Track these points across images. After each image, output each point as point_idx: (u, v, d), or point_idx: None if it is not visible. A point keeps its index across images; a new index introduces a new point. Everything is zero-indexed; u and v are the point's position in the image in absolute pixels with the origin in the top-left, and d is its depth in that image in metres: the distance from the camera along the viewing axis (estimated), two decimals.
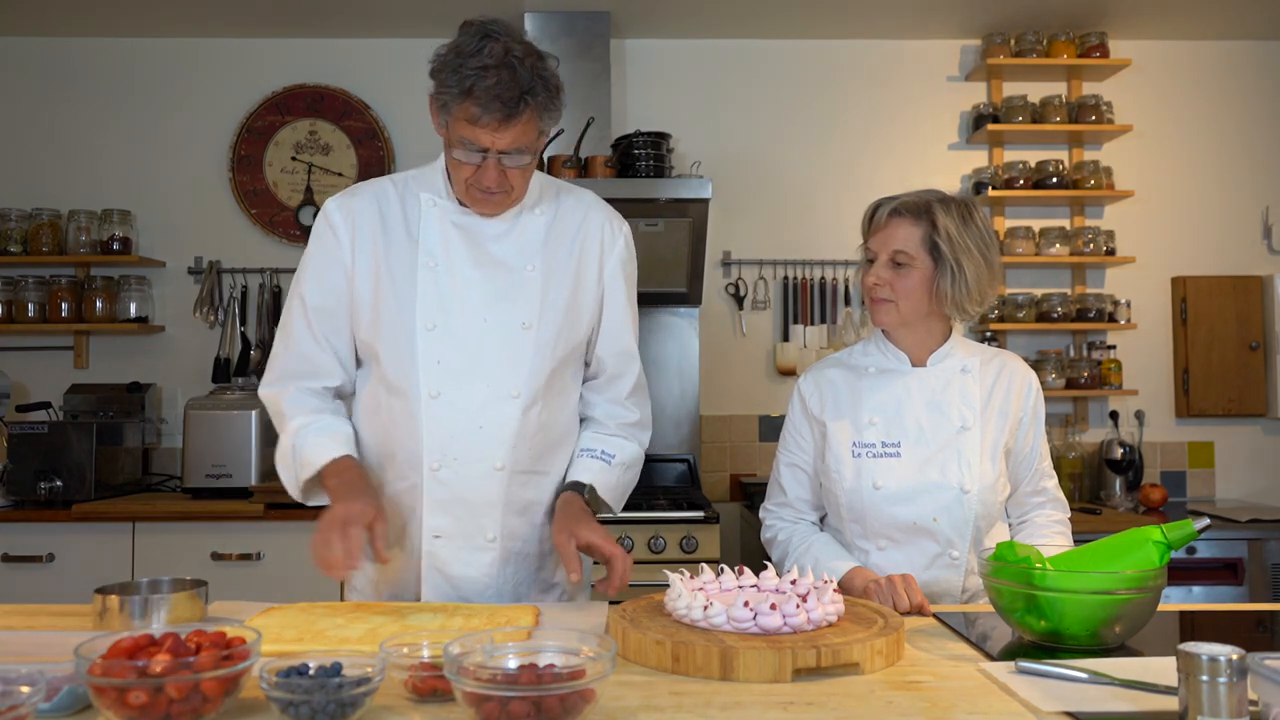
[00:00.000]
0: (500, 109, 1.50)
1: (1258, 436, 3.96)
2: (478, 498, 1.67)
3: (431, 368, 1.64)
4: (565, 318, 1.71)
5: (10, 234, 3.71)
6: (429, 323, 1.65)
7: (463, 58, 1.52)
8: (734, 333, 3.92)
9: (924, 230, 1.72)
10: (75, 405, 3.66)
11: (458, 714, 1.03)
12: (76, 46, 3.93)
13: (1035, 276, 3.96)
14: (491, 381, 1.65)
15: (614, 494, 1.78)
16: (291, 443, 1.68)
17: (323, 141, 3.93)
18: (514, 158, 1.57)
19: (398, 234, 1.69)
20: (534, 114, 1.54)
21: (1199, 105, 4.00)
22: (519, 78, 1.50)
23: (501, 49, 1.51)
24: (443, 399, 1.64)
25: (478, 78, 1.49)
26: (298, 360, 1.71)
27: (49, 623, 1.46)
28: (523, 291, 1.68)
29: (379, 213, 1.70)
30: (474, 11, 1.67)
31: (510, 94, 1.50)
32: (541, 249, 1.71)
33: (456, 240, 1.68)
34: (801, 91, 3.98)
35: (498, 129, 1.52)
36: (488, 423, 1.65)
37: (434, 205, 1.70)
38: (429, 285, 1.66)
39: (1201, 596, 3.19)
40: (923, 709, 1.07)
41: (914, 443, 1.76)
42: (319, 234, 1.71)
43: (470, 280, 1.67)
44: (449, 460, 1.65)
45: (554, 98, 1.56)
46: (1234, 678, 0.89)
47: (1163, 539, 1.38)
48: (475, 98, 1.50)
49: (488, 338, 1.66)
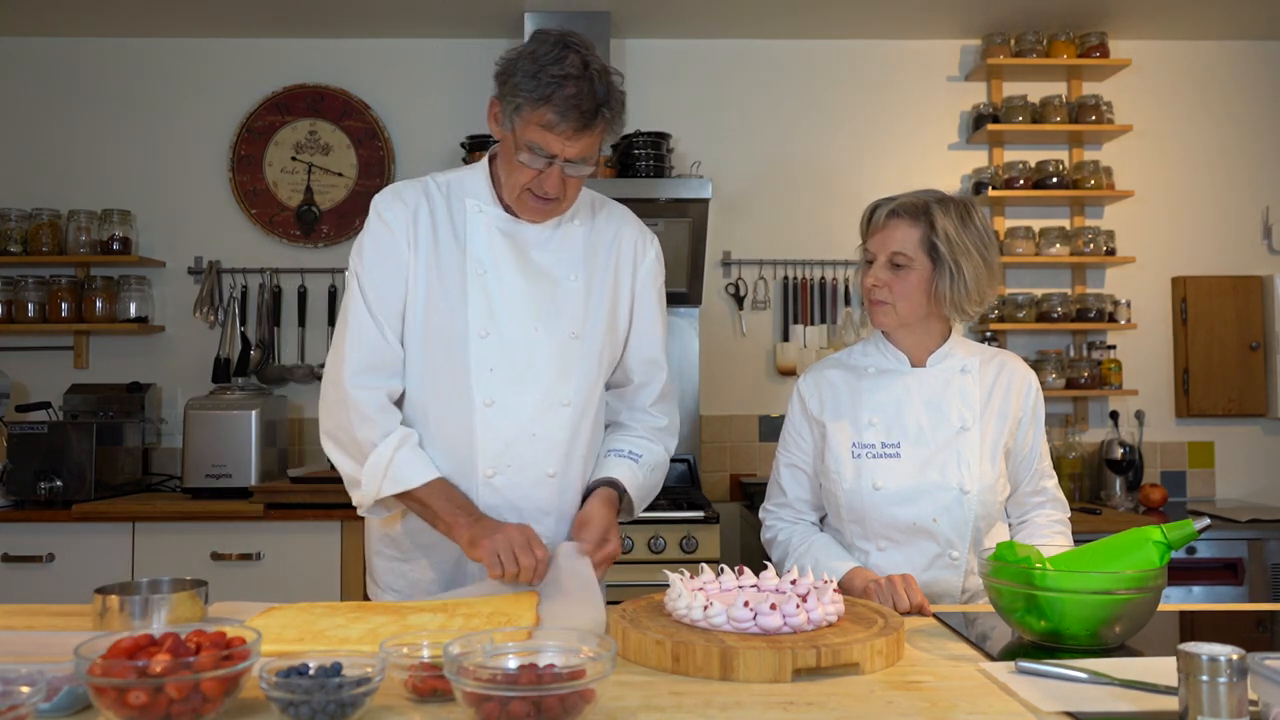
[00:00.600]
0: (577, 119, 1.53)
1: (1258, 436, 3.96)
2: (529, 504, 1.69)
3: (484, 375, 1.66)
4: (607, 329, 1.74)
5: (10, 234, 3.71)
6: (481, 330, 1.66)
7: (541, 65, 1.53)
8: (734, 333, 3.92)
9: (922, 231, 1.72)
10: (75, 405, 3.66)
11: (458, 714, 1.03)
12: (77, 46, 3.93)
13: (1035, 276, 3.96)
14: (544, 389, 1.68)
15: (639, 494, 1.78)
16: (391, 455, 1.63)
17: (323, 141, 3.93)
18: (577, 167, 1.60)
19: (446, 238, 1.70)
20: (605, 127, 1.58)
21: (1199, 105, 4.00)
22: (596, 90, 1.54)
23: (581, 61, 1.54)
24: (496, 406, 1.66)
25: (557, 86, 1.52)
26: (379, 354, 1.68)
27: (49, 623, 1.46)
28: (568, 301, 1.71)
29: (430, 213, 1.71)
30: (474, 12, 1.69)
31: (588, 105, 1.53)
32: (582, 260, 1.74)
33: (503, 248, 1.70)
34: (801, 91, 3.98)
35: (570, 138, 1.55)
36: (541, 430, 1.67)
37: (480, 211, 1.71)
38: (479, 292, 1.67)
39: (1201, 596, 3.19)
40: (923, 709, 1.07)
41: (914, 443, 1.76)
42: (375, 232, 1.69)
43: (518, 288, 1.69)
44: (502, 467, 1.67)
45: (620, 114, 1.60)
46: (1234, 678, 0.89)
47: (1163, 539, 1.38)
48: (553, 105, 1.52)
49: (539, 346, 1.68)
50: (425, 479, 1.63)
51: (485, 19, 3.74)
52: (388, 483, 1.63)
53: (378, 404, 1.67)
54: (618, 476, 1.73)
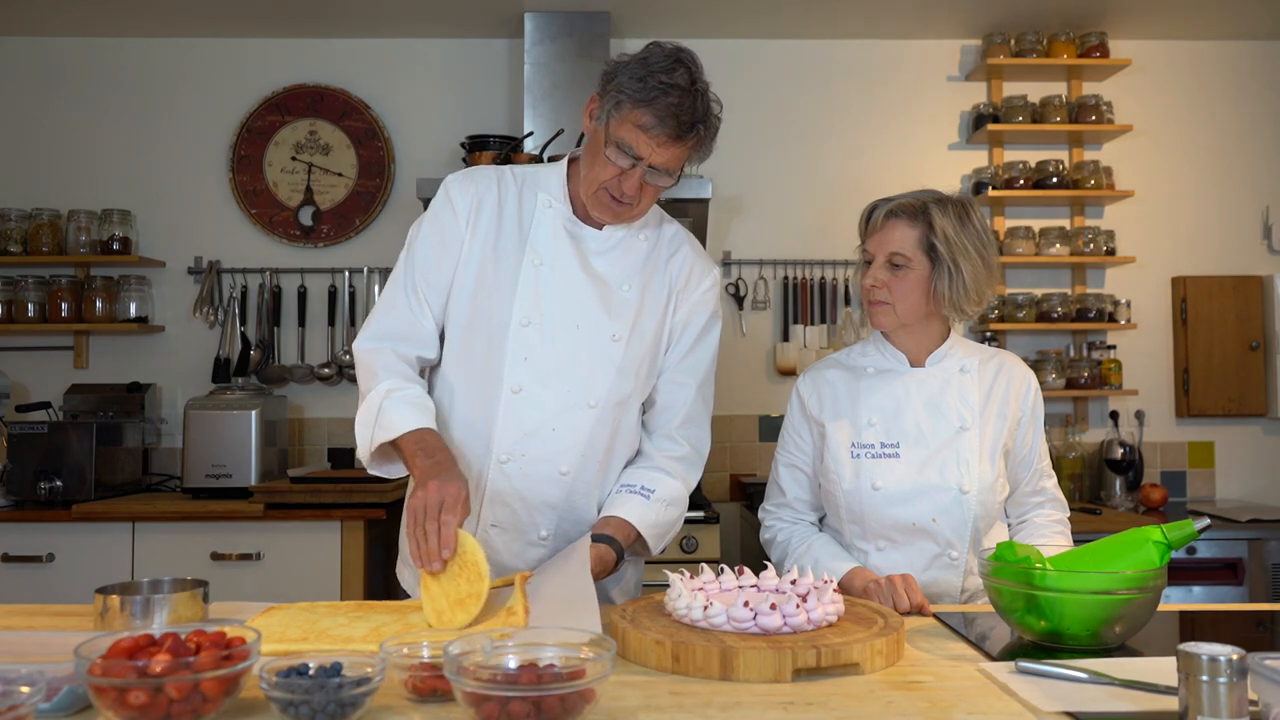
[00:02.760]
0: (674, 127, 1.55)
1: (1258, 436, 3.96)
2: (537, 497, 1.69)
3: (519, 364, 1.66)
4: (652, 342, 1.74)
5: (10, 234, 3.71)
6: (524, 319, 1.67)
7: (650, 70, 1.55)
8: (734, 333, 3.92)
9: (921, 231, 1.72)
10: (75, 405, 3.66)
11: (458, 714, 1.03)
12: (76, 46, 3.93)
13: (1035, 276, 3.96)
14: (573, 387, 1.67)
15: (653, 531, 1.71)
16: (380, 403, 1.62)
17: (323, 141, 3.93)
18: (659, 176, 1.61)
19: (510, 227, 1.71)
20: (696, 145, 1.60)
21: (1199, 105, 4.00)
22: (697, 107, 1.56)
23: (689, 77, 1.56)
24: (523, 395, 1.66)
25: (662, 92, 1.53)
26: (398, 323, 1.71)
27: (49, 623, 1.46)
28: (619, 308, 1.71)
29: (498, 201, 1.73)
30: (474, 12, 1.69)
31: (686, 118, 1.55)
32: (640, 273, 1.74)
33: (565, 245, 1.71)
34: (802, 91, 3.98)
35: (662, 144, 1.56)
36: (561, 426, 1.67)
37: (550, 207, 1.73)
38: (530, 283, 1.68)
39: (1201, 596, 3.19)
40: (923, 709, 1.07)
41: (913, 443, 1.76)
42: (438, 209, 1.73)
43: (571, 286, 1.69)
44: (517, 456, 1.67)
45: (711, 139, 1.62)
46: (1234, 678, 0.89)
47: (1163, 539, 1.38)
48: (654, 108, 1.54)
49: (578, 344, 1.68)
50: (410, 426, 1.59)
51: (485, 19, 3.74)
52: (378, 430, 1.61)
53: (383, 362, 1.68)
54: (626, 515, 1.67)
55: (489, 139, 3.53)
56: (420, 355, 1.72)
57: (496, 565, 1.69)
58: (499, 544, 1.71)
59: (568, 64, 3.68)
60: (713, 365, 1.83)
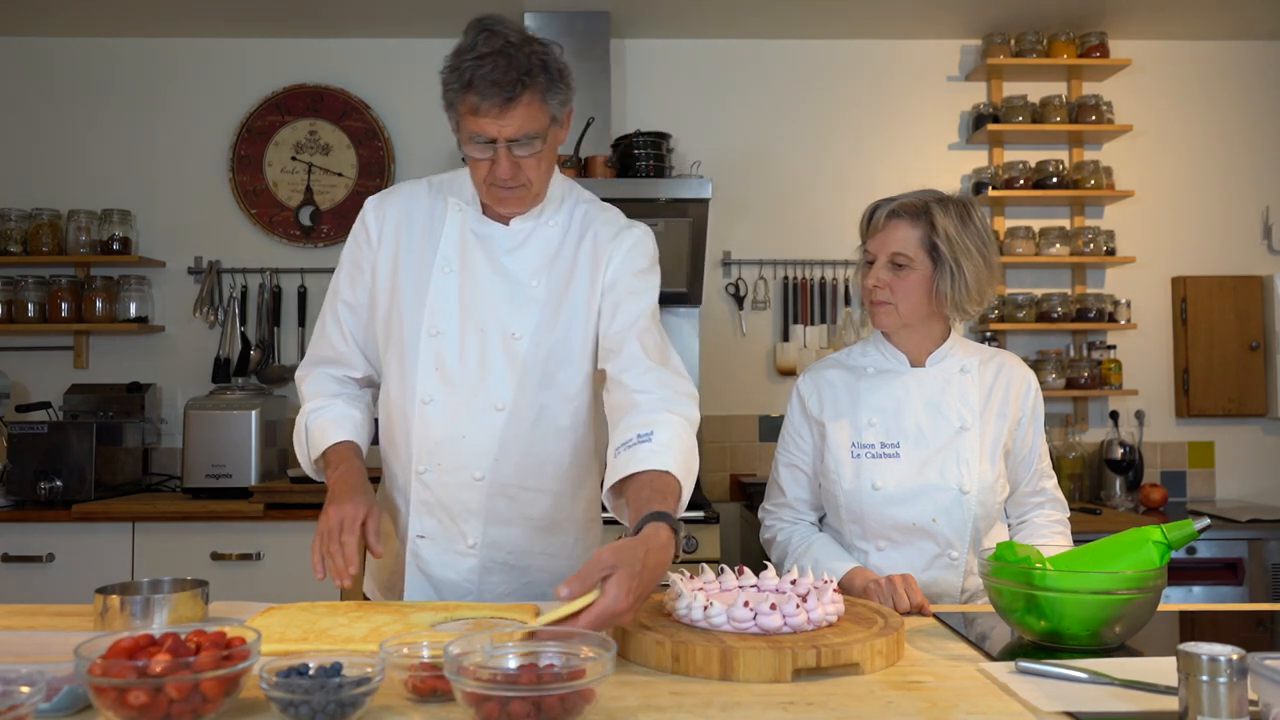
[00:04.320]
0: (498, 93, 1.50)
1: (1258, 436, 3.96)
2: (458, 505, 1.68)
3: (429, 374, 1.66)
4: (560, 334, 1.67)
5: (10, 234, 3.71)
6: (434, 328, 1.66)
7: (462, 54, 1.54)
8: (734, 333, 3.92)
9: (922, 231, 1.72)
10: (75, 405, 3.66)
11: (458, 714, 1.03)
12: (77, 46, 3.93)
13: (1035, 276, 3.96)
14: (479, 392, 1.65)
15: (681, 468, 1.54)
16: (304, 423, 1.74)
17: (323, 141, 3.93)
18: (524, 145, 1.55)
19: (420, 238, 1.71)
20: (536, 96, 1.53)
21: (1199, 105, 4.00)
22: (515, 62, 1.51)
23: (500, 40, 1.52)
24: (433, 405, 1.66)
25: (475, 68, 1.51)
26: (325, 348, 1.79)
27: (49, 623, 1.46)
28: (523, 305, 1.67)
29: (408, 214, 1.73)
30: (474, 12, 1.67)
31: (507, 78, 1.50)
32: (549, 264, 1.69)
33: (475, 248, 1.69)
34: (801, 91, 3.98)
35: (500, 115, 1.51)
36: (470, 433, 1.65)
37: (458, 210, 1.71)
38: (441, 291, 1.67)
39: (1201, 596, 3.19)
40: (923, 709, 1.07)
41: (913, 443, 1.76)
42: (354, 232, 1.77)
43: (480, 289, 1.67)
44: (433, 465, 1.67)
45: (556, 80, 1.56)
46: (1234, 678, 0.89)
47: (1163, 539, 1.38)
48: (475, 88, 1.51)
49: (482, 348, 1.66)
50: (331, 441, 1.69)
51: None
52: (310, 448, 1.71)
53: (310, 384, 1.78)
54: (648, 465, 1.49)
55: None
56: (349, 376, 1.79)
57: (428, 577, 1.70)
58: (428, 556, 1.69)
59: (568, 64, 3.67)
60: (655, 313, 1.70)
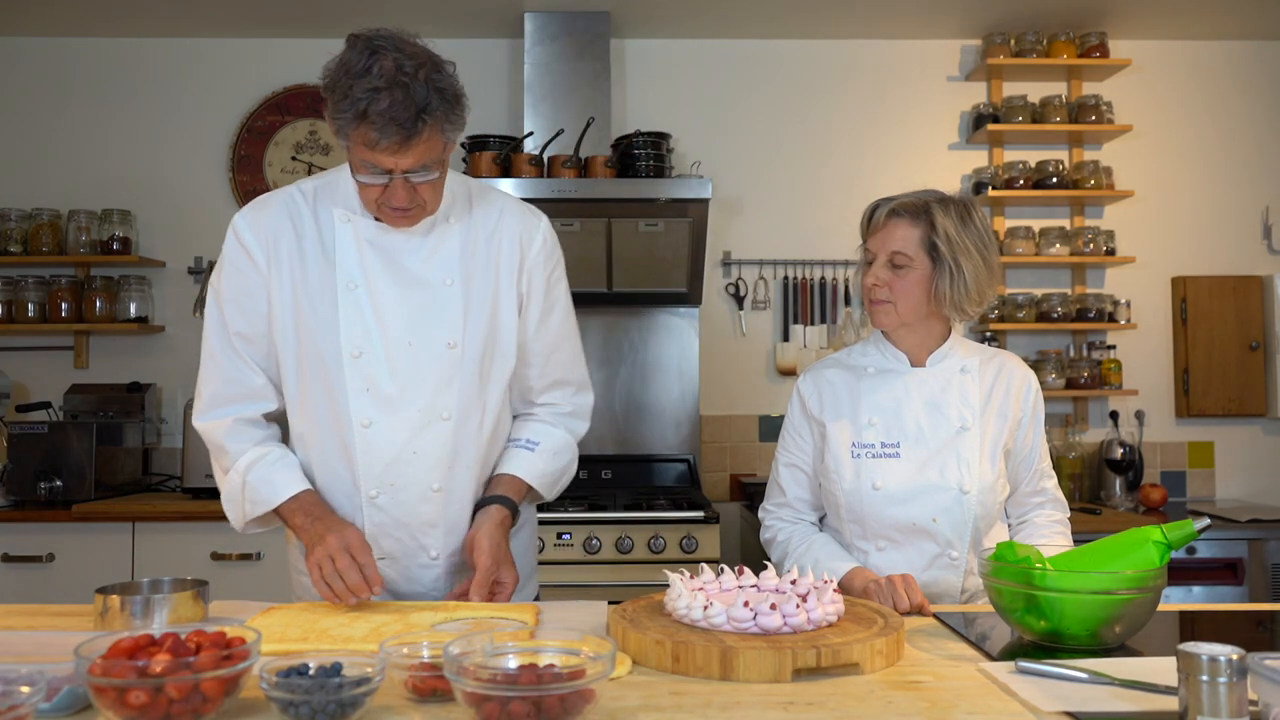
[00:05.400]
0: (397, 132, 1.42)
1: (1258, 436, 3.96)
2: (416, 520, 1.65)
3: (361, 396, 1.60)
4: (490, 332, 1.67)
5: (10, 234, 3.71)
6: (354, 350, 1.60)
7: (352, 78, 1.42)
8: (734, 333, 3.92)
9: (922, 231, 1.72)
10: (75, 405, 3.66)
11: (458, 714, 1.03)
12: (76, 46, 3.93)
13: (1035, 276, 3.96)
14: (422, 406, 1.62)
15: (542, 480, 1.74)
16: (242, 480, 1.63)
17: (323, 141, 3.93)
18: (421, 174, 1.50)
19: (313, 253, 1.62)
20: (434, 129, 1.46)
21: (1199, 105, 4.00)
22: (413, 95, 1.41)
23: (392, 65, 1.41)
24: (375, 427, 1.61)
25: (370, 100, 1.40)
26: (229, 385, 1.65)
27: (49, 623, 1.46)
28: (445, 309, 1.63)
29: (293, 229, 1.63)
30: (474, 12, 1.66)
31: (405, 115, 1.41)
32: (459, 262, 1.65)
33: (374, 259, 1.62)
34: (801, 91, 3.98)
35: (398, 151, 1.45)
36: (421, 448, 1.62)
37: (348, 221, 1.63)
38: (351, 309, 1.60)
39: (1201, 596, 3.19)
40: (923, 709, 1.07)
41: (913, 443, 1.76)
42: (232, 256, 1.64)
43: (392, 301, 1.62)
44: (385, 487, 1.63)
45: (454, 108, 1.48)
46: (1234, 678, 0.89)
47: (1163, 539, 1.38)
48: (370, 122, 1.41)
49: (415, 361, 1.62)
50: (283, 495, 1.60)
51: (485, 19, 3.74)
52: (250, 505, 1.63)
53: (226, 430, 1.64)
54: (514, 470, 1.70)
55: (489, 139, 3.53)
56: (264, 413, 1.67)
57: (393, 593, 1.68)
58: (392, 574, 1.67)
59: (568, 64, 3.68)
60: (570, 312, 1.79)
